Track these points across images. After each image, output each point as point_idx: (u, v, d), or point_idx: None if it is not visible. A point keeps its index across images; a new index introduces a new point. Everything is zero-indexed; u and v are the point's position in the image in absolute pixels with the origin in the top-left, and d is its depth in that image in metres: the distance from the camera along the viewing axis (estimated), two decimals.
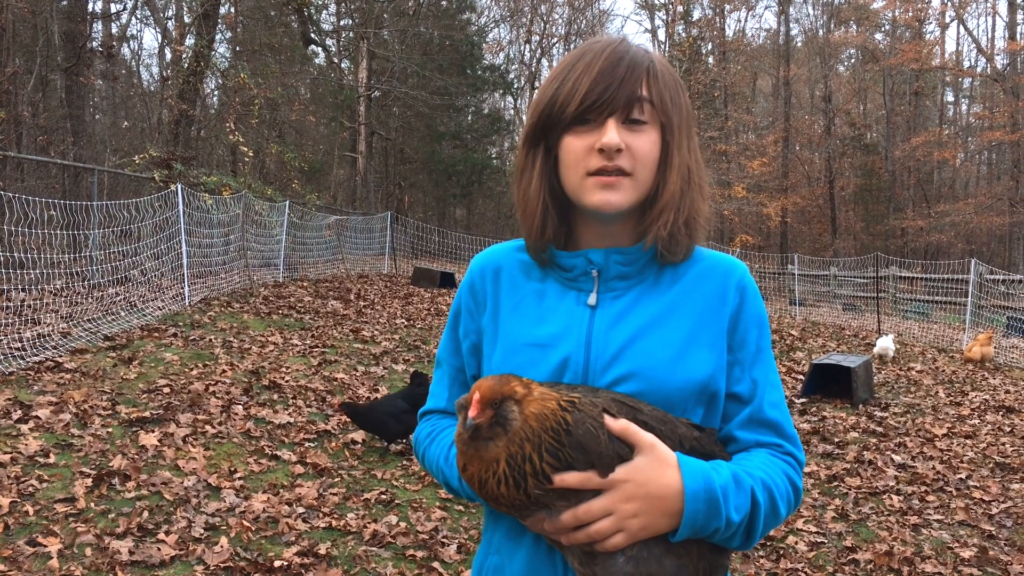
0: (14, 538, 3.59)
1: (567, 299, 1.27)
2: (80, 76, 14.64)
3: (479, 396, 1.04)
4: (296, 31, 23.57)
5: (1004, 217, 30.55)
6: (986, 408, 8.07)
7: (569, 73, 1.20)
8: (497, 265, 1.35)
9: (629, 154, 1.18)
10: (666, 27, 38.07)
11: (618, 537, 1.07)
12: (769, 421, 1.23)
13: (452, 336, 1.40)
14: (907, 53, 31.86)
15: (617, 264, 1.25)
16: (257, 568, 3.58)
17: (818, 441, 6.56)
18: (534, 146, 1.26)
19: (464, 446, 1.08)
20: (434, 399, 1.41)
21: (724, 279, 1.26)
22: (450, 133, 31.76)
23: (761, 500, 1.12)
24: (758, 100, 43.05)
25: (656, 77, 1.20)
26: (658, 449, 1.08)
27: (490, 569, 1.28)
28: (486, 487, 1.07)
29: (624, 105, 1.17)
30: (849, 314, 17.92)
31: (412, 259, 20.16)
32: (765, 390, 1.24)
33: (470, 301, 1.36)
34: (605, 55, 1.19)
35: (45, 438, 4.79)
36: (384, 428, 5.37)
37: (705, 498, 1.07)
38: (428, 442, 1.36)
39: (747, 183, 31.88)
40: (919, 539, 4.63)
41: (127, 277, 9.46)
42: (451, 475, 1.26)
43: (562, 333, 1.23)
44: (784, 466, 1.20)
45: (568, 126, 1.20)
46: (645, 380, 1.18)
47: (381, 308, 11.71)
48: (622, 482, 1.06)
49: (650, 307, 1.24)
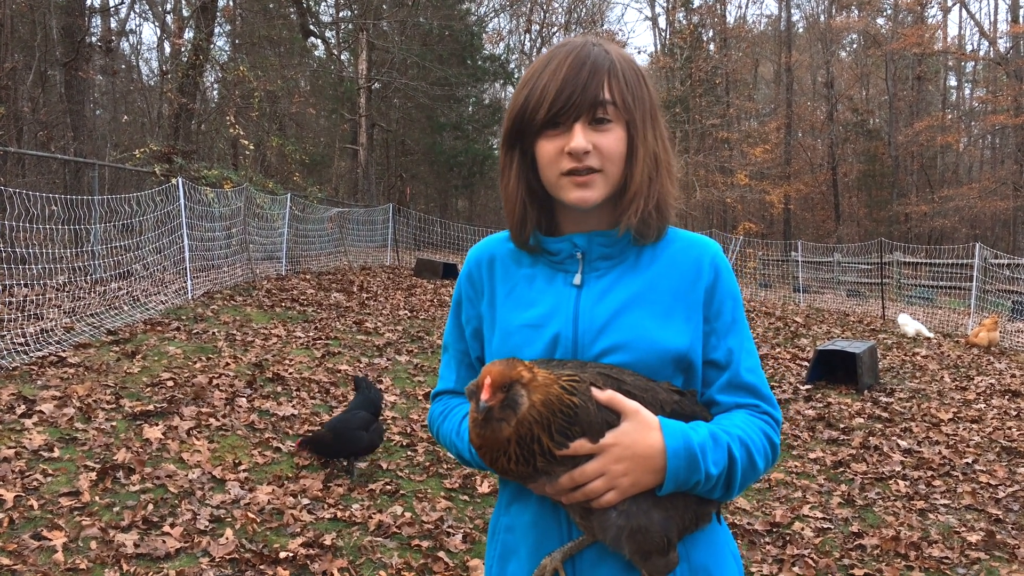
0: (19, 532, 3.59)
1: (555, 281, 1.38)
2: (79, 71, 14.60)
3: (490, 381, 1.13)
4: (295, 23, 23.49)
5: (1008, 201, 30.42)
6: (992, 392, 8.04)
7: (537, 81, 1.29)
8: (491, 255, 1.46)
9: (597, 153, 1.28)
10: (667, 14, 37.91)
11: (610, 494, 1.19)
12: (746, 384, 1.34)
13: (456, 323, 1.51)
14: (909, 38, 31.66)
15: (600, 246, 1.36)
16: (262, 559, 3.58)
17: (823, 427, 6.54)
18: (511, 148, 1.37)
19: (478, 428, 1.18)
20: (444, 381, 1.53)
21: (699, 257, 1.36)
22: (451, 124, 31.64)
23: (738, 455, 1.24)
24: (760, 87, 42.86)
25: (617, 77, 1.29)
26: (641, 414, 1.19)
27: (502, 529, 1.41)
28: (497, 463, 1.19)
29: (588, 108, 1.27)
30: (853, 300, 17.88)
31: (415, 251, 20.14)
32: (741, 356, 1.34)
33: (469, 290, 1.47)
34: (568, 61, 1.28)
35: (49, 432, 4.78)
36: (361, 444, 4.83)
37: (685, 455, 1.19)
38: (441, 420, 1.49)
39: (749, 170, 31.79)
40: (926, 524, 4.62)
41: (129, 271, 9.45)
42: (462, 447, 1.39)
43: (551, 312, 1.34)
44: (761, 424, 1.31)
45: (539, 130, 1.30)
46: (629, 351, 1.28)
47: (384, 300, 11.70)
48: (611, 446, 1.18)
49: (631, 284, 1.34)
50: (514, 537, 1.37)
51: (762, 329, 12.01)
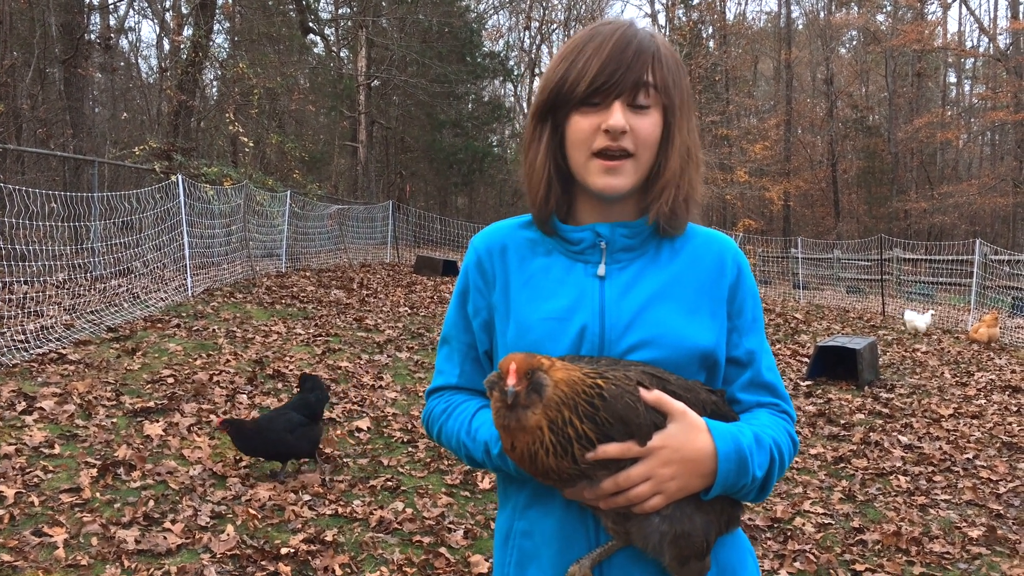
0: (20, 528, 3.59)
1: (575, 271, 1.32)
2: (78, 68, 14.59)
3: (515, 367, 1.10)
4: (294, 20, 23.46)
5: (1008, 198, 30.40)
6: (992, 388, 8.04)
7: (579, 55, 1.25)
8: (503, 243, 1.39)
9: (633, 136, 1.25)
10: (666, 11, 37.80)
11: (656, 499, 1.15)
12: (767, 383, 1.34)
13: (461, 314, 1.42)
14: (909, 34, 31.60)
15: (623, 237, 1.32)
16: (264, 555, 3.58)
17: (824, 423, 6.54)
18: (542, 121, 1.31)
19: (504, 420, 1.13)
20: (443, 376, 1.43)
21: (721, 253, 1.35)
22: (450, 121, 31.59)
23: (775, 456, 1.24)
24: (759, 84, 42.78)
25: (661, 62, 1.26)
26: (689, 416, 1.17)
27: (518, 534, 1.33)
28: (536, 460, 1.13)
29: (630, 89, 1.23)
30: (853, 296, 17.87)
31: (414, 248, 20.13)
32: (762, 356, 1.35)
33: (478, 279, 1.39)
34: (614, 39, 1.25)
35: (50, 429, 4.78)
36: (282, 447, 4.46)
37: (736, 458, 1.17)
38: (444, 418, 1.38)
39: (749, 167, 31.73)
40: (927, 519, 4.62)
41: (129, 268, 9.44)
42: (473, 448, 1.31)
43: (575, 304, 1.29)
44: (784, 423, 1.32)
45: (576, 106, 1.26)
46: (658, 347, 1.25)
47: (384, 297, 11.69)
48: (659, 448, 1.15)
49: (655, 278, 1.31)
50: (533, 543, 1.30)
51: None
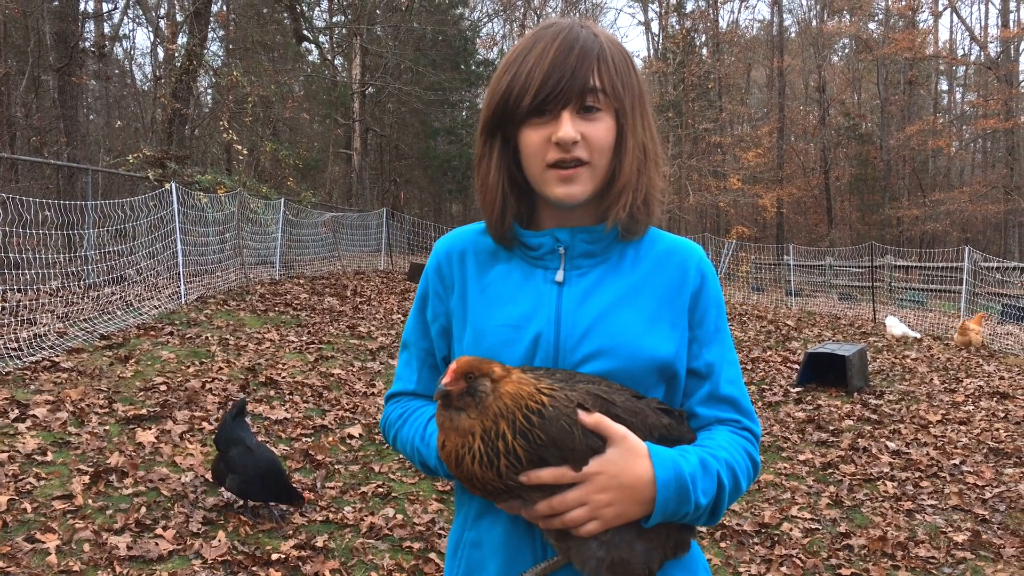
0: (12, 535, 3.61)
1: (534, 277, 1.29)
2: (72, 76, 14.61)
3: (455, 366, 1.09)
4: (289, 28, 23.50)
5: (999, 205, 30.60)
6: (980, 395, 8.10)
7: (522, 64, 1.21)
8: (463, 248, 1.36)
9: (585, 143, 1.20)
10: (659, 19, 38.02)
11: (592, 524, 1.11)
12: (727, 397, 1.28)
13: (420, 319, 1.40)
14: (901, 42, 31.83)
15: (583, 242, 1.28)
16: (255, 561, 3.60)
17: (813, 429, 6.59)
18: (491, 137, 1.27)
19: (440, 416, 1.12)
20: (402, 381, 1.42)
21: (685, 261, 1.30)
22: (445, 129, 31.67)
23: (726, 481, 1.18)
24: (752, 91, 43.01)
25: (607, 63, 1.21)
26: (629, 440, 1.12)
27: (467, 544, 1.30)
28: (462, 465, 1.10)
29: (577, 96, 1.19)
30: (845, 303, 17.96)
31: (408, 255, 20.15)
32: (722, 368, 1.29)
33: (438, 284, 1.36)
34: (556, 44, 1.19)
35: (43, 436, 4.80)
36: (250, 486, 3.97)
37: (675, 486, 1.12)
38: (400, 423, 1.36)
39: (742, 174, 31.88)
40: (913, 524, 4.67)
41: (123, 276, 9.46)
42: (427, 454, 1.27)
43: (531, 312, 1.26)
44: (743, 443, 1.26)
45: (524, 118, 1.22)
46: (614, 357, 1.22)
47: (377, 304, 11.72)
48: (595, 474, 1.10)
49: (615, 286, 1.27)
50: (481, 554, 1.27)
51: (754, 332, 12.08)
